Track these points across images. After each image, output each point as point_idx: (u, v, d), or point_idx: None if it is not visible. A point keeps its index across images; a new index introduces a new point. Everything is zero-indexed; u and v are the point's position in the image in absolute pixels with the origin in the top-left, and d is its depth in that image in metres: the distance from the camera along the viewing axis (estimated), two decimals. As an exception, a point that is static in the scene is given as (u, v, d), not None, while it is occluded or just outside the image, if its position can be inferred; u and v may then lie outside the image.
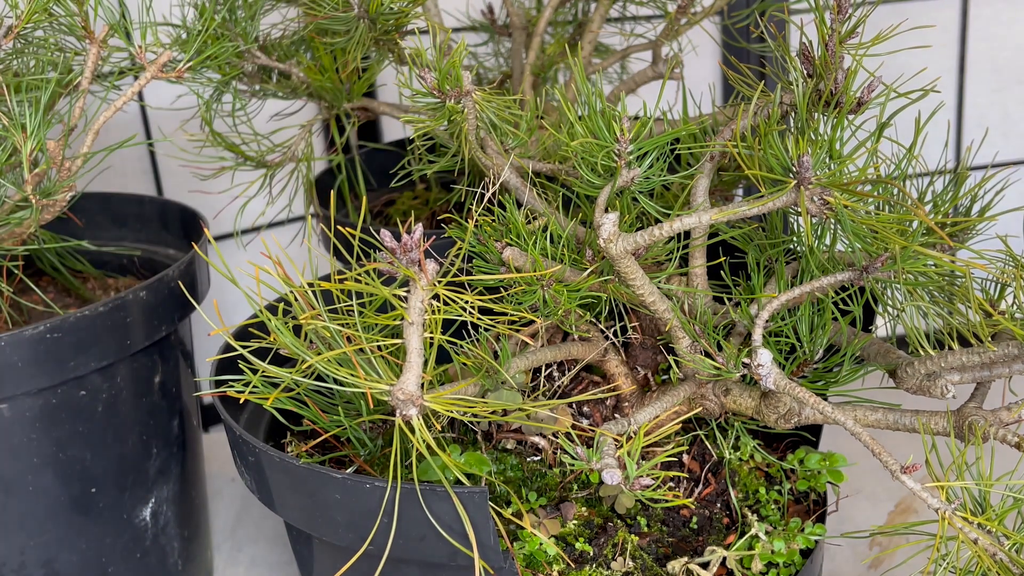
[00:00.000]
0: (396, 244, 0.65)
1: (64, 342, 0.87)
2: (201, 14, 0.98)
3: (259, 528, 1.20)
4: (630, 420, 0.74)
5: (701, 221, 0.69)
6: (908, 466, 0.66)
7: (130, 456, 0.95)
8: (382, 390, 0.65)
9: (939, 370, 0.73)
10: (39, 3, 0.86)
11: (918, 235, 0.70)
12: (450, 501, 0.67)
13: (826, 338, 0.76)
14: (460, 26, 1.25)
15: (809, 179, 0.64)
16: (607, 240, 0.70)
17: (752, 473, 0.85)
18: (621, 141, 0.71)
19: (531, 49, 1.11)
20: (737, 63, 0.78)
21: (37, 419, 0.88)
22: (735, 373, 0.72)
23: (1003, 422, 0.70)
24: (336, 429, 0.83)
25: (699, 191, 0.76)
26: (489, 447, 0.85)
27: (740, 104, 0.74)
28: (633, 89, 1.08)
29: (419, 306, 0.66)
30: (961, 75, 1.53)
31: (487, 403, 0.71)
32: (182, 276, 0.97)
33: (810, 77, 0.71)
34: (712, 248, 0.81)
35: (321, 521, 0.74)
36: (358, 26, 0.92)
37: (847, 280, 0.72)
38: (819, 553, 0.81)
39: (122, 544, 0.96)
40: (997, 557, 0.65)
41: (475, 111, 0.84)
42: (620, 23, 1.28)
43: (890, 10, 1.41)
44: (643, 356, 0.86)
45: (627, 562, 0.77)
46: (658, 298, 0.75)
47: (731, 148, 0.69)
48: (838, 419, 0.70)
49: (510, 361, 0.75)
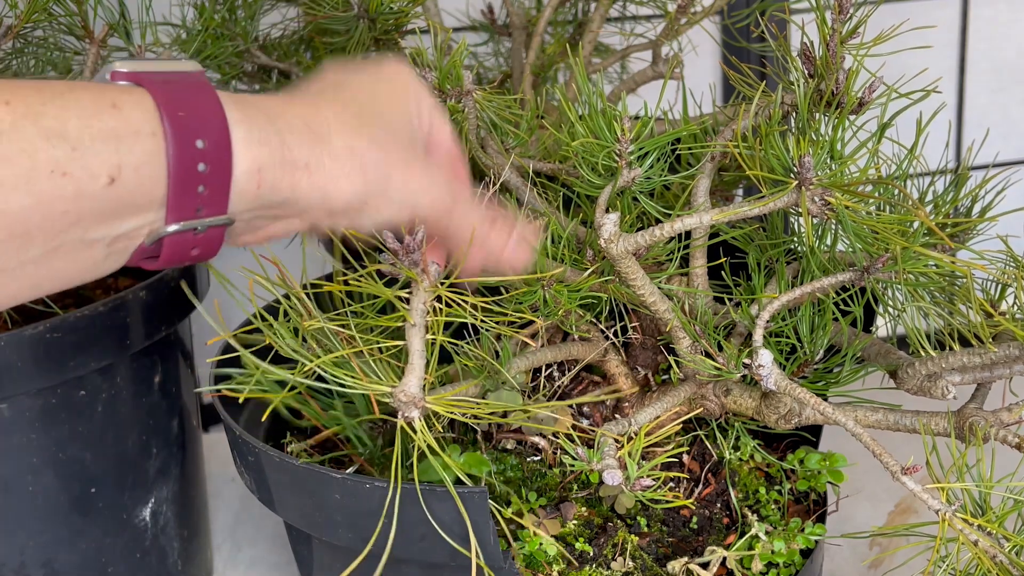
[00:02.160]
0: (398, 245, 0.65)
1: (64, 342, 0.86)
2: (201, 14, 0.98)
3: (259, 528, 1.20)
4: (630, 420, 0.74)
5: (702, 221, 0.69)
6: (909, 467, 0.66)
7: (130, 456, 0.95)
8: (384, 392, 0.65)
9: (940, 371, 0.73)
10: (39, 3, 0.86)
11: (919, 236, 0.70)
12: (450, 501, 0.67)
13: (827, 338, 0.76)
14: (460, 26, 1.25)
15: (810, 179, 0.64)
16: (608, 240, 0.70)
17: (752, 473, 0.85)
18: (622, 141, 0.71)
19: (531, 49, 1.11)
20: (738, 63, 0.78)
21: (37, 419, 0.88)
22: (735, 373, 0.72)
23: (1004, 423, 0.70)
24: (336, 428, 0.83)
25: (700, 191, 0.76)
26: (489, 447, 0.85)
27: (741, 104, 0.74)
28: (633, 89, 1.08)
29: (421, 308, 0.66)
30: (961, 75, 1.53)
31: (488, 404, 0.71)
32: (182, 276, 0.97)
33: (811, 77, 0.71)
34: (713, 248, 0.80)
35: (321, 521, 0.74)
36: (358, 26, 0.92)
37: (848, 281, 0.72)
38: (819, 553, 0.81)
39: (122, 544, 0.96)
40: (997, 559, 0.65)
41: (475, 111, 0.84)
42: (620, 23, 1.28)
43: (890, 10, 1.41)
44: (643, 356, 0.86)
45: (627, 562, 0.77)
46: (659, 298, 0.75)
47: (732, 148, 0.69)
48: (838, 420, 0.70)
49: (511, 361, 0.75)
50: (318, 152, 0.59)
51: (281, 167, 0.58)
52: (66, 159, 0.50)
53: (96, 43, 0.92)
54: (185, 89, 0.55)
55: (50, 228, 0.51)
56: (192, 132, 0.54)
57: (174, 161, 0.53)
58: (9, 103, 0.49)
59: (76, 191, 0.50)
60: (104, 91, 0.53)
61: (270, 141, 0.57)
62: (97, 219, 0.52)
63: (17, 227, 0.49)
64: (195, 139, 0.54)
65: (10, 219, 0.49)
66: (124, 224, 0.54)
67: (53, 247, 0.51)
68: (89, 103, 0.51)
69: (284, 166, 0.58)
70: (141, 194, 0.53)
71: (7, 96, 0.49)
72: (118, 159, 0.52)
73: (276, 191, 0.58)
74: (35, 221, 0.50)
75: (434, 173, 0.65)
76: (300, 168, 0.58)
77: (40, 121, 0.49)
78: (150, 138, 0.53)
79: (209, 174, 0.55)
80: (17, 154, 0.48)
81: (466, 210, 0.67)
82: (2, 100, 0.48)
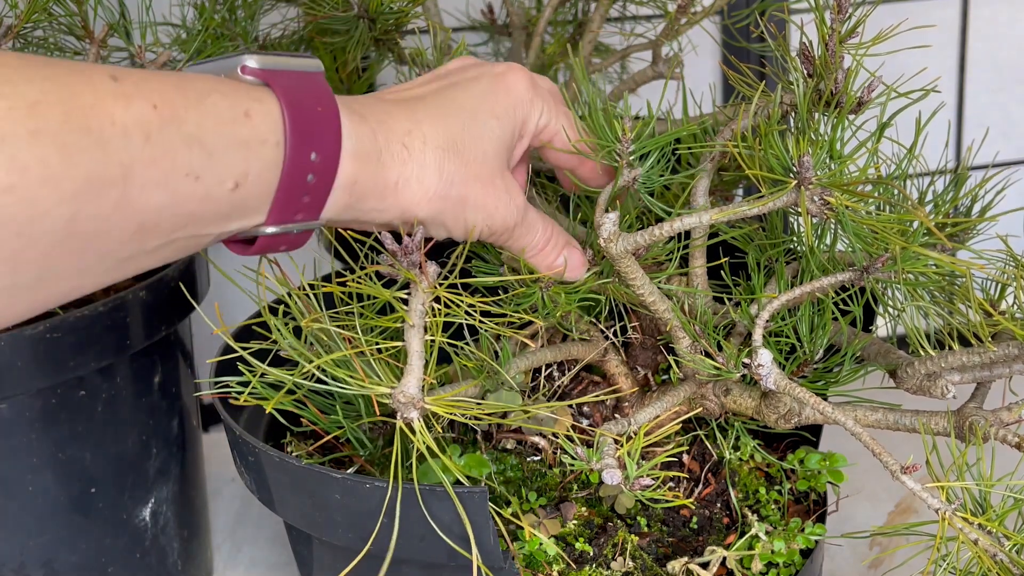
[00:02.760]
0: (397, 246, 0.65)
1: (63, 342, 0.86)
2: (201, 14, 0.98)
3: (259, 528, 1.20)
4: (630, 420, 0.74)
5: (701, 221, 0.69)
6: (908, 466, 0.66)
7: (129, 456, 0.95)
8: (383, 393, 0.65)
9: (939, 370, 0.73)
10: (39, 3, 0.86)
11: (918, 235, 0.70)
12: (450, 501, 0.67)
13: (826, 338, 0.76)
14: (460, 26, 1.25)
15: (809, 179, 0.64)
16: (607, 240, 0.70)
17: (752, 473, 0.85)
18: (623, 141, 0.70)
19: (531, 49, 1.11)
20: (737, 63, 0.78)
21: (36, 419, 0.88)
22: (735, 373, 0.72)
23: (1003, 422, 0.70)
24: (337, 431, 0.83)
25: (699, 191, 0.76)
26: (489, 447, 0.85)
27: (740, 104, 0.74)
28: (633, 89, 1.08)
29: (420, 308, 0.66)
30: (961, 75, 1.53)
31: (488, 405, 0.71)
32: (182, 276, 0.97)
33: (810, 77, 0.71)
34: (712, 248, 0.80)
35: (321, 521, 0.74)
36: (358, 25, 0.92)
37: (847, 280, 0.72)
38: (819, 553, 0.81)
39: (122, 544, 0.96)
40: (997, 558, 0.65)
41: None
42: (620, 23, 1.28)
43: (890, 10, 1.41)
44: (643, 356, 0.86)
45: (627, 562, 0.77)
46: (658, 298, 0.75)
47: (731, 148, 0.69)
48: (838, 419, 0.70)
49: (510, 362, 0.75)
50: (407, 172, 0.62)
51: (373, 182, 0.61)
52: (200, 164, 0.53)
53: (96, 43, 0.92)
54: (308, 94, 0.58)
55: (175, 225, 0.53)
56: (309, 144, 0.57)
57: (288, 171, 0.56)
58: (157, 107, 0.51)
59: (205, 194, 0.53)
60: (238, 97, 0.55)
61: (369, 157, 0.60)
62: (215, 220, 0.55)
63: (149, 222, 0.52)
64: (311, 151, 0.57)
65: (147, 216, 0.51)
66: (233, 225, 0.57)
67: (169, 241, 0.54)
68: (225, 110, 0.54)
69: (376, 182, 0.61)
70: (256, 198, 0.56)
71: (156, 100, 0.51)
72: (245, 167, 0.55)
73: (364, 202, 0.61)
74: (165, 217, 0.52)
75: (511, 189, 0.68)
76: (390, 186, 0.62)
77: (183, 127, 0.52)
78: (274, 148, 0.56)
79: (315, 184, 0.58)
80: (161, 156, 0.51)
81: (528, 228, 0.70)
82: (151, 103, 0.51)
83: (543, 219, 0.72)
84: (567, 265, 0.73)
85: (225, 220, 0.56)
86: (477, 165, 0.66)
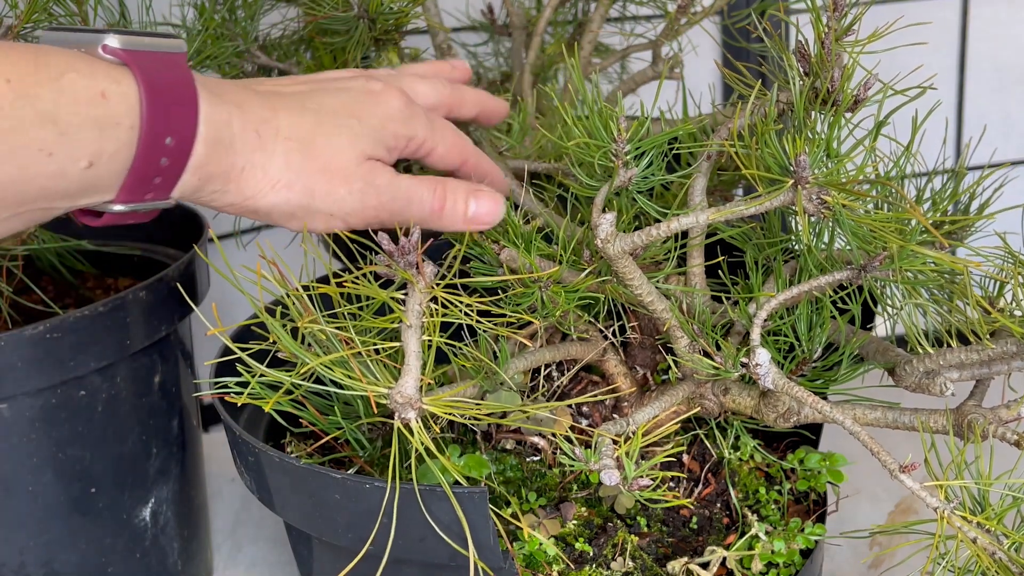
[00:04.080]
0: (394, 247, 0.65)
1: (64, 342, 0.87)
2: (201, 14, 0.98)
3: (259, 528, 1.20)
4: (629, 420, 0.74)
5: (698, 221, 0.69)
6: (906, 465, 0.66)
7: (129, 456, 0.95)
8: (381, 393, 0.65)
9: (938, 368, 0.73)
10: (39, 3, 0.86)
11: (916, 234, 0.70)
12: (449, 502, 0.67)
13: (825, 337, 0.76)
14: (460, 26, 1.25)
15: (806, 178, 0.64)
16: (604, 240, 0.70)
17: (752, 473, 0.85)
18: (618, 141, 0.70)
19: (531, 49, 1.11)
20: (736, 63, 0.78)
21: (36, 419, 0.88)
22: (733, 372, 0.72)
23: (1002, 420, 0.70)
24: (336, 431, 0.83)
25: (696, 191, 0.76)
26: (488, 447, 0.85)
27: (737, 104, 0.74)
28: (633, 89, 1.08)
29: (417, 309, 0.66)
30: (961, 75, 1.53)
31: (486, 405, 0.71)
32: (182, 276, 0.97)
33: (807, 75, 0.71)
34: (710, 247, 0.80)
35: (321, 521, 0.74)
36: (358, 26, 0.92)
37: (845, 279, 0.72)
38: (819, 553, 0.80)
39: (122, 544, 0.96)
40: (996, 556, 0.65)
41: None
42: (620, 23, 1.28)
43: (890, 10, 1.41)
44: (642, 356, 0.86)
45: (627, 562, 0.77)
46: (656, 298, 0.75)
47: (728, 147, 0.69)
48: (837, 418, 0.70)
49: (509, 362, 0.75)
50: (255, 159, 0.64)
51: (220, 166, 0.63)
52: (53, 141, 0.54)
53: (95, 44, 0.92)
54: (168, 77, 0.59)
55: (25, 198, 0.55)
56: (165, 129, 0.58)
57: (141, 154, 0.58)
58: (11, 81, 0.52)
59: (58, 170, 0.55)
60: (96, 76, 0.56)
61: (221, 141, 0.62)
62: (66, 196, 0.57)
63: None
64: (166, 136, 0.58)
65: None
66: (84, 200, 0.58)
67: (18, 213, 0.56)
68: (82, 90, 0.55)
69: (222, 166, 0.63)
70: (108, 177, 0.58)
71: (10, 74, 0.52)
72: (99, 146, 0.56)
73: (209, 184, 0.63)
74: (14, 190, 0.54)
75: (370, 176, 0.69)
76: (235, 170, 0.63)
77: (37, 103, 0.53)
78: (128, 130, 0.57)
79: (167, 167, 0.59)
80: (10, 131, 0.52)
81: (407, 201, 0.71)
82: (4, 77, 0.52)
83: (427, 182, 0.72)
84: (479, 209, 0.73)
85: (76, 196, 0.57)
86: (326, 158, 0.67)
